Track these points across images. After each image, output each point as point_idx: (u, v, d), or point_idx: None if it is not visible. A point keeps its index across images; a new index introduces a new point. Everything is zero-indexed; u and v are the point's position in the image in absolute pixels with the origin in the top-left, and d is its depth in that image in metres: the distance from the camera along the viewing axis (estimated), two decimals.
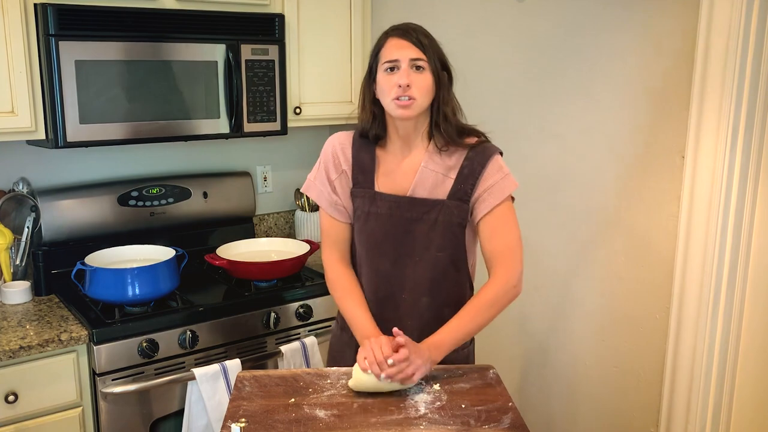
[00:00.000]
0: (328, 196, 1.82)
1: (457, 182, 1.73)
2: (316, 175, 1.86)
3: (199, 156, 2.90)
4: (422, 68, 1.66)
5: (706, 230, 1.93)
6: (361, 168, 1.79)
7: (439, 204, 1.74)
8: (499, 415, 1.54)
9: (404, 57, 1.66)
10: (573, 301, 2.32)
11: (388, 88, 1.68)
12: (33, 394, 2.06)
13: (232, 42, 2.47)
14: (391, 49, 1.68)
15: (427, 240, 1.75)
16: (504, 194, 1.73)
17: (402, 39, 1.67)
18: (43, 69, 2.21)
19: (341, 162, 1.81)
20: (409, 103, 1.66)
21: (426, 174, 1.75)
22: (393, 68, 1.67)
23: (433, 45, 1.69)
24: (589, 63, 2.17)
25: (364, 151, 1.80)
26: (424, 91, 1.67)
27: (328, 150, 1.84)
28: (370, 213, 1.77)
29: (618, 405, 2.24)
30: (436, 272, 1.77)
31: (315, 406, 1.55)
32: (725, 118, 1.87)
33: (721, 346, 1.95)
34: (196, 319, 2.28)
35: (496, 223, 1.73)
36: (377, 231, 1.77)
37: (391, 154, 1.79)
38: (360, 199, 1.79)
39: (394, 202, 1.76)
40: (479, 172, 1.72)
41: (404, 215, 1.75)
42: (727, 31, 1.84)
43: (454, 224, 1.74)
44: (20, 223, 2.47)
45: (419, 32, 1.69)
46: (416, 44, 1.66)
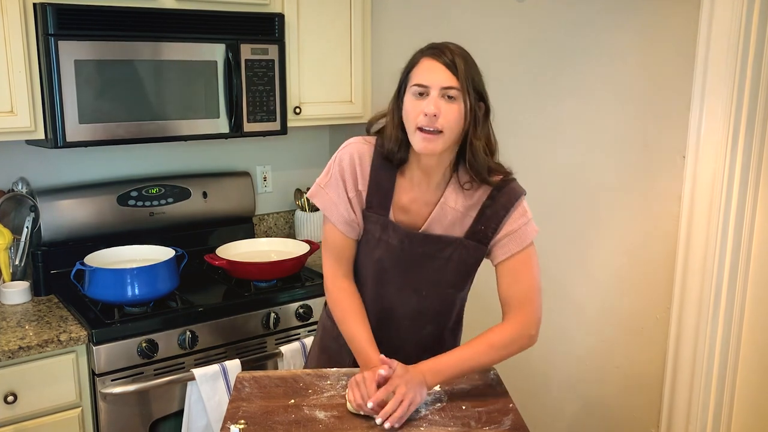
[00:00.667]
0: (346, 213, 1.65)
1: (477, 222, 1.62)
2: (328, 184, 1.67)
3: (199, 156, 2.89)
4: (454, 98, 1.50)
5: (707, 231, 1.93)
6: (378, 190, 1.64)
7: (456, 242, 1.63)
8: (500, 417, 1.53)
9: (435, 83, 1.49)
10: (573, 302, 2.31)
11: (413, 115, 1.52)
12: (32, 394, 2.05)
13: (231, 42, 2.47)
14: (422, 72, 1.52)
15: (438, 276, 1.66)
16: (526, 241, 1.62)
17: (436, 61, 1.50)
18: (42, 69, 2.20)
19: (359, 179, 1.64)
20: (435, 137, 1.50)
21: (444, 211, 1.63)
22: (422, 93, 1.51)
23: (470, 71, 1.51)
24: (590, 63, 2.17)
25: (383, 172, 1.64)
26: (452, 123, 1.50)
27: (346, 160, 1.65)
28: (380, 240, 1.65)
29: (619, 406, 2.23)
30: (443, 306, 1.71)
31: (315, 407, 1.55)
32: (726, 118, 1.86)
33: (722, 346, 1.95)
34: (196, 319, 2.28)
35: (517, 269, 1.62)
36: (385, 260, 1.66)
37: (408, 182, 1.64)
38: (372, 223, 1.65)
39: (407, 235, 1.63)
40: (503, 216, 1.61)
41: (416, 250, 1.63)
42: (728, 31, 1.84)
43: (469, 264, 1.65)
44: (19, 223, 2.47)
45: (456, 54, 1.51)
46: (450, 69, 1.49)
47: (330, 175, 1.68)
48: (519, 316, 1.62)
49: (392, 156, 1.61)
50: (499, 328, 1.62)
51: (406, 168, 1.64)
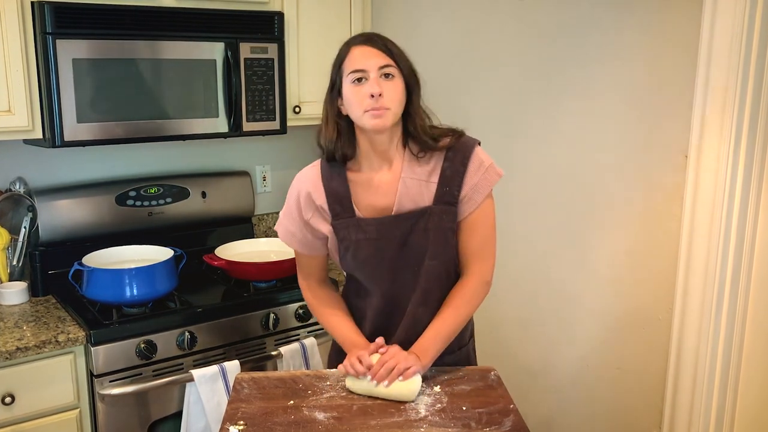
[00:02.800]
0: (301, 237, 1.75)
1: (440, 185, 1.66)
2: (284, 214, 1.78)
3: (198, 155, 2.88)
4: (392, 75, 1.58)
5: (710, 230, 1.92)
6: (336, 198, 1.69)
7: (426, 211, 1.66)
8: (501, 418, 1.53)
9: (372, 66, 1.57)
10: (575, 302, 2.30)
11: (357, 101, 1.58)
12: (30, 395, 2.05)
13: (230, 40, 2.46)
14: (356, 59, 1.59)
15: (420, 250, 1.68)
16: (489, 188, 1.68)
17: (367, 46, 1.59)
18: (40, 67, 2.19)
19: (314, 199, 1.71)
20: (383, 112, 1.58)
21: (408, 184, 1.67)
22: (361, 79, 1.58)
23: (399, 50, 1.61)
24: (592, 63, 2.16)
25: (334, 180, 1.70)
26: (397, 99, 1.59)
27: (295, 191, 1.75)
28: (359, 241, 1.68)
29: (621, 406, 2.23)
30: (429, 283, 1.71)
31: (314, 408, 1.54)
32: (729, 117, 1.86)
33: (725, 346, 1.94)
34: (195, 320, 2.27)
35: (477, 220, 1.69)
36: (370, 256, 1.69)
37: (365, 173, 1.70)
38: (344, 230, 1.69)
39: (380, 223, 1.67)
40: (463, 172, 1.66)
41: (394, 234, 1.67)
42: (730, 31, 1.83)
43: (446, 229, 1.68)
44: (17, 223, 2.46)
45: (385, 39, 1.61)
46: (384, 50, 1.58)
47: (286, 206, 1.78)
48: (474, 267, 1.70)
49: (333, 152, 1.68)
50: (458, 288, 1.70)
51: (359, 160, 1.70)
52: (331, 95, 1.65)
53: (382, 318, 1.74)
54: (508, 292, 2.49)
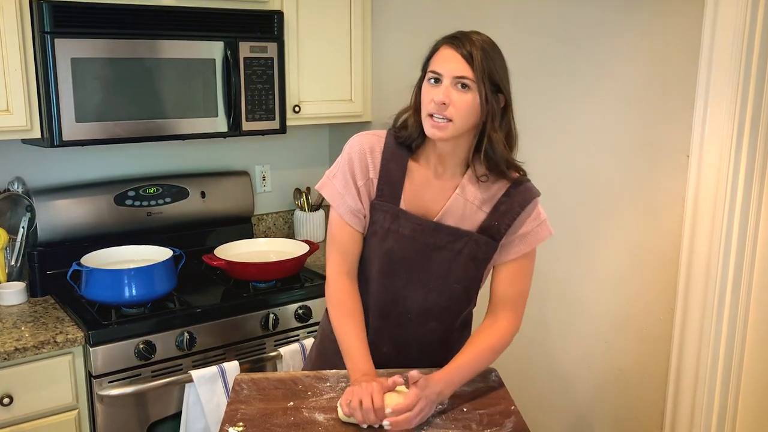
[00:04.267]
0: (353, 202, 1.63)
1: (490, 217, 1.61)
2: (337, 175, 1.65)
3: (197, 155, 2.88)
4: (468, 87, 1.48)
5: (711, 231, 1.91)
6: (389, 179, 1.61)
7: (467, 236, 1.61)
8: (502, 419, 1.52)
9: (448, 72, 1.49)
10: (576, 303, 2.30)
11: (426, 100, 1.52)
12: (28, 396, 2.04)
13: (230, 39, 2.45)
14: (438, 59, 1.51)
15: (447, 270, 1.63)
16: (536, 242, 1.63)
17: (453, 50, 1.49)
18: (38, 67, 2.19)
19: (369, 168, 1.62)
20: (444, 125, 1.50)
21: (458, 202, 1.61)
22: (437, 80, 1.51)
23: (488, 62, 1.49)
24: (592, 62, 2.15)
25: (395, 160, 1.62)
26: (463, 113, 1.49)
27: (356, 150, 1.63)
28: (390, 231, 1.61)
29: (622, 408, 2.22)
30: (450, 302, 1.68)
31: (314, 409, 1.54)
32: (731, 117, 1.85)
33: (726, 348, 1.93)
34: (194, 320, 2.26)
35: (518, 270, 1.64)
36: (395, 251, 1.63)
37: (423, 171, 1.63)
38: (381, 213, 1.62)
39: (419, 225, 1.61)
40: (518, 213, 1.60)
41: (427, 240, 1.61)
42: (732, 30, 1.82)
43: (479, 260, 1.62)
44: (15, 223, 2.45)
45: (475, 45, 1.48)
46: (466, 58, 1.47)
47: (339, 166, 1.66)
48: (513, 316, 1.66)
49: (411, 141, 1.60)
50: (497, 331, 1.64)
51: (421, 153, 1.63)
52: (419, 84, 1.58)
53: (377, 317, 1.69)
54: None
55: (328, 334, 1.81)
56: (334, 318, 1.67)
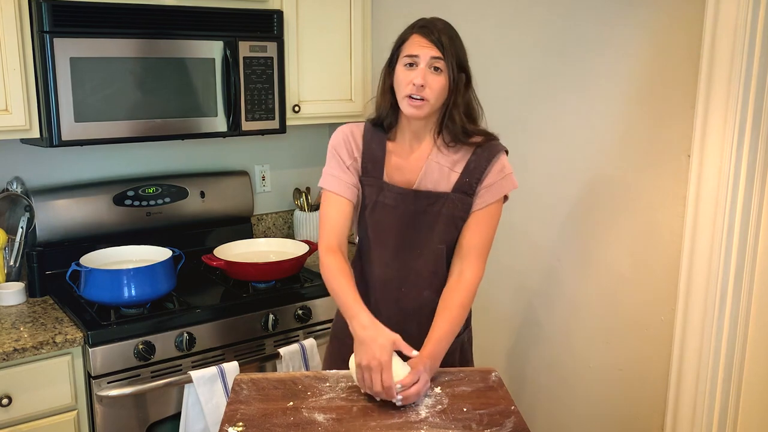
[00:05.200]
0: (348, 178, 1.80)
1: (462, 176, 1.76)
2: (329, 165, 1.83)
3: (197, 155, 2.87)
4: (439, 69, 1.68)
5: (713, 231, 1.90)
6: (371, 157, 1.80)
7: (443, 197, 1.76)
8: (502, 419, 1.52)
9: (425, 55, 1.67)
10: (577, 303, 2.29)
11: (404, 83, 1.70)
12: (27, 397, 2.03)
13: (230, 39, 2.45)
14: (413, 45, 1.70)
15: (430, 232, 1.77)
16: (501, 193, 1.77)
17: (425, 37, 1.69)
18: (37, 66, 2.18)
19: (353, 149, 1.81)
20: (421, 104, 1.69)
21: (432, 167, 1.77)
22: (412, 64, 1.69)
23: (454, 45, 1.70)
24: (593, 60, 2.14)
25: (375, 141, 1.81)
26: (437, 93, 1.69)
27: (339, 137, 1.83)
28: (377, 203, 1.79)
29: (622, 408, 2.21)
30: (437, 265, 1.79)
31: (314, 409, 1.53)
32: (732, 116, 1.84)
33: (728, 348, 1.93)
34: (193, 320, 2.26)
35: (482, 219, 1.77)
36: (382, 221, 1.79)
37: (399, 146, 1.81)
38: (368, 188, 1.80)
39: (400, 194, 1.78)
40: (484, 167, 1.75)
41: (409, 208, 1.77)
42: (733, 27, 1.81)
43: (457, 217, 1.77)
44: (14, 223, 2.45)
45: (443, 32, 1.70)
46: (437, 44, 1.67)
47: (329, 160, 1.83)
48: (476, 266, 1.76)
49: (383, 119, 1.80)
50: (463, 286, 1.75)
51: (397, 132, 1.81)
52: (389, 69, 1.77)
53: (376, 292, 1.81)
54: (509, 292, 2.47)
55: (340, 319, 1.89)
56: (330, 281, 1.75)
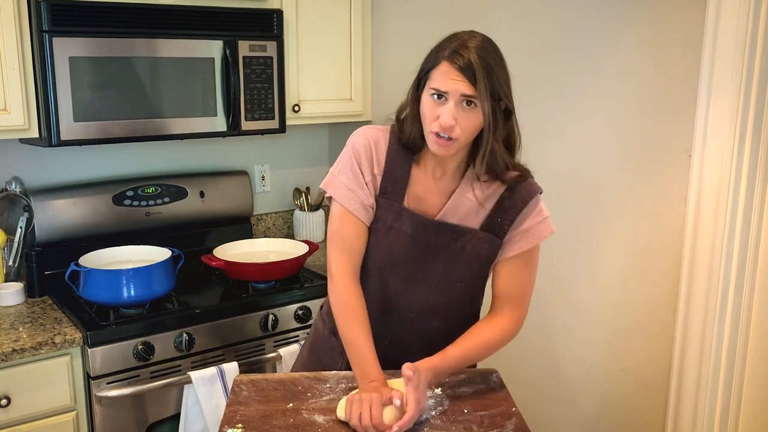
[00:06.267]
0: (364, 197, 1.60)
1: (493, 214, 1.60)
2: (344, 170, 1.62)
3: (196, 155, 2.86)
4: (474, 104, 1.47)
5: (714, 230, 1.90)
6: (393, 177, 1.60)
7: (470, 233, 1.60)
8: (503, 421, 1.51)
9: (454, 91, 1.46)
10: (577, 303, 2.28)
11: (430, 118, 1.50)
12: (26, 397, 2.03)
13: (229, 38, 2.44)
14: (442, 77, 1.47)
15: (449, 268, 1.62)
16: (538, 240, 1.61)
17: (454, 68, 1.46)
18: (36, 66, 2.18)
19: (374, 163, 1.61)
20: (449, 144, 1.49)
21: (460, 201, 1.60)
22: (440, 97, 1.48)
23: (490, 76, 1.46)
24: (594, 60, 2.14)
25: (399, 159, 1.61)
26: (468, 131, 1.50)
27: (361, 144, 1.61)
28: (392, 228, 1.61)
29: (623, 409, 2.21)
30: (452, 302, 1.66)
31: (314, 411, 1.52)
32: (733, 115, 1.84)
33: (729, 348, 1.92)
34: (193, 321, 2.25)
35: (520, 267, 1.62)
36: (396, 249, 1.62)
37: (421, 174, 1.62)
38: (384, 210, 1.61)
39: (421, 223, 1.60)
40: (520, 209, 1.59)
41: (429, 239, 1.60)
42: (735, 27, 1.81)
43: (482, 257, 1.61)
44: (13, 223, 2.44)
45: (478, 62, 1.45)
46: (468, 77, 1.45)
47: (344, 162, 1.64)
48: (514, 314, 1.63)
49: (412, 142, 1.59)
50: (495, 326, 1.62)
51: (422, 156, 1.62)
52: (416, 92, 1.55)
53: (377, 314, 1.66)
54: None
55: (321, 333, 1.80)
56: (342, 321, 1.62)
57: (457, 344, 1.60)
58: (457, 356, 1.58)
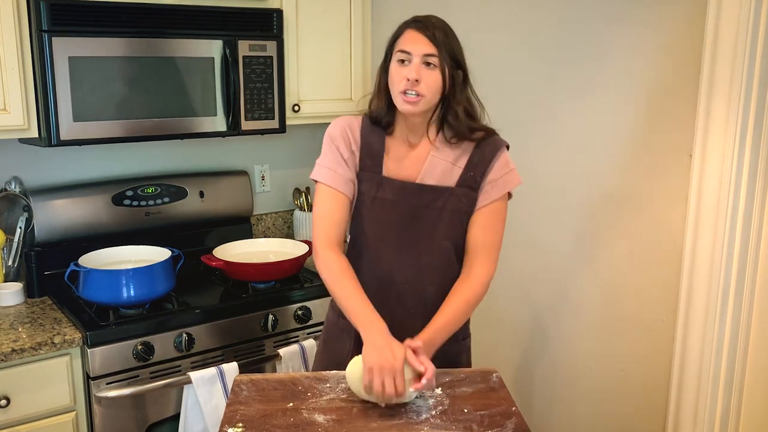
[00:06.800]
0: (344, 172, 1.75)
1: (466, 170, 1.73)
2: (323, 157, 1.79)
3: (196, 155, 2.86)
4: (433, 65, 1.65)
5: (714, 230, 1.90)
6: (370, 152, 1.77)
7: (448, 191, 1.73)
8: (503, 420, 1.51)
9: (417, 51, 1.65)
10: (578, 303, 2.28)
11: (397, 80, 1.67)
12: (25, 398, 2.02)
13: (229, 38, 2.44)
14: (406, 41, 1.67)
15: (433, 228, 1.74)
16: (507, 188, 1.74)
17: (418, 32, 1.66)
18: (35, 65, 2.17)
19: (351, 142, 1.77)
20: (416, 99, 1.66)
21: (435, 162, 1.74)
22: (405, 60, 1.66)
23: (449, 41, 1.67)
24: (594, 60, 2.14)
25: (373, 135, 1.78)
26: (432, 88, 1.66)
27: (337, 129, 1.79)
28: (376, 198, 1.75)
29: (624, 410, 2.20)
30: (441, 261, 1.76)
31: (314, 410, 1.52)
32: (734, 115, 1.84)
33: (730, 349, 1.92)
34: (193, 321, 2.25)
35: (490, 217, 1.74)
36: (382, 217, 1.75)
37: (398, 143, 1.78)
38: (367, 183, 1.76)
39: (401, 188, 1.74)
40: (489, 161, 1.73)
41: (411, 202, 1.74)
42: (735, 27, 1.81)
43: (462, 212, 1.74)
44: (12, 223, 2.44)
45: (437, 27, 1.67)
46: (431, 39, 1.65)
47: (324, 151, 1.79)
48: (483, 264, 1.73)
49: (380, 119, 1.76)
50: (471, 284, 1.72)
51: (395, 129, 1.77)
52: (383, 67, 1.74)
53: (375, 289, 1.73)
54: (511, 293, 2.46)
55: (332, 320, 1.88)
56: (332, 283, 1.70)
57: (440, 312, 1.69)
58: (446, 324, 1.68)
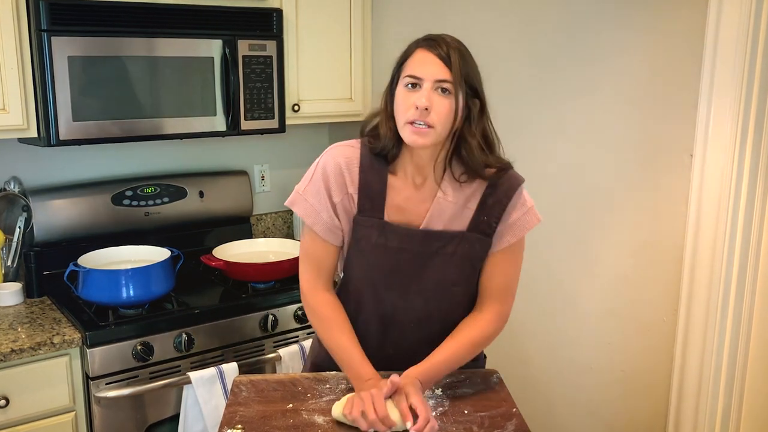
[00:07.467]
0: (329, 220, 1.57)
1: (478, 213, 1.56)
2: (309, 190, 1.59)
3: (195, 154, 2.86)
4: (448, 91, 1.44)
5: (715, 230, 1.89)
6: (369, 193, 1.55)
7: (458, 236, 1.56)
8: (503, 421, 1.51)
9: (429, 75, 1.43)
10: (579, 304, 2.28)
11: (404, 107, 1.46)
12: (25, 398, 2.02)
13: (228, 37, 2.43)
14: (416, 63, 1.46)
15: (442, 275, 1.58)
16: (525, 230, 1.59)
17: (431, 53, 1.45)
18: (35, 65, 2.17)
19: (347, 183, 1.56)
20: (426, 131, 1.44)
21: (443, 205, 1.56)
22: (415, 85, 1.45)
23: (465, 65, 1.45)
24: (595, 59, 2.13)
25: (373, 173, 1.56)
26: (444, 118, 1.45)
27: (331, 165, 1.57)
28: (377, 245, 1.56)
29: (624, 410, 2.20)
30: (451, 306, 1.63)
31: (313, 411, 1.52)
32: (734, 115, 1.83)
33: (731, 349, 1.92)
34: (192, 321, 2.24)
35: (505, 261, 1.60)
36: (385, 264, 1.58)
37: (400, 182, 1.57)
38: (366, 228, 1.56)
39: (406, 235, 1.56)
40: (505, 204, 1.56)
41: (417, 250, 1.56)
42: (736, 27, 1.81)
43: (475, 258, 1.58)
44: (12, 223, 2.43)
45: (452, 48, 1.45)
46: (445, 61, 1.43)
47: (311, 182, 1.60)
48: (497, 309, 1.61)
49: (386, 151, 1.54)
50: (479, 324, 1.60)
51: (398, 165, 1.58)
52: (390, 90, 1.53)
53: (377, 328, 1.64)
54: None
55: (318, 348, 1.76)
56: (321, 332, 1.62)
57: (443, 347, 1.57)
58: (446, 360, 1.56)
